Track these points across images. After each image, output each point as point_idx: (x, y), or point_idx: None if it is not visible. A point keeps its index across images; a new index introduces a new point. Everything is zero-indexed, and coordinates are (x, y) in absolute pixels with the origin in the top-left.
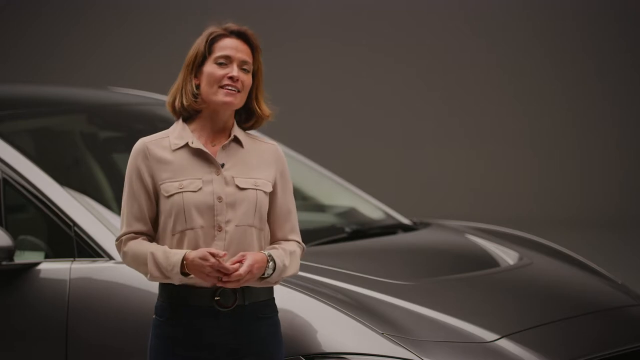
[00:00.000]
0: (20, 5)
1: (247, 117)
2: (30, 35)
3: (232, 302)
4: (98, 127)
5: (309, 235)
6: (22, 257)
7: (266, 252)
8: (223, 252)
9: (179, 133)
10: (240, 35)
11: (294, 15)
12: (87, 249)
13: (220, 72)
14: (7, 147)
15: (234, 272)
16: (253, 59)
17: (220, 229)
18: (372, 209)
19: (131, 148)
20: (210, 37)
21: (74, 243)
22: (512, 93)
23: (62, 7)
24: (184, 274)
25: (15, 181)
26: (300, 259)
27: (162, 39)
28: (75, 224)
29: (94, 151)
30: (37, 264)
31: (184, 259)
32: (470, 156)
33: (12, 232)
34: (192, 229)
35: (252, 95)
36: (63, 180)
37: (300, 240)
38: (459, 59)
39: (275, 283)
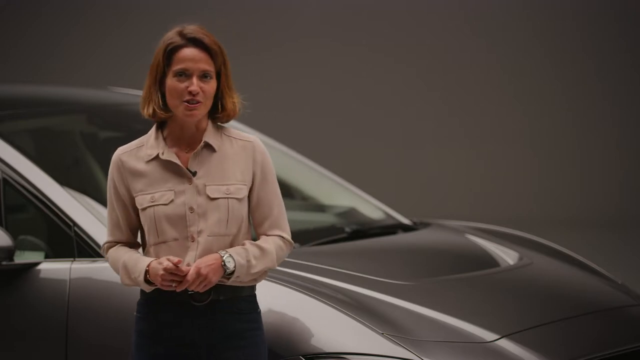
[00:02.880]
0: (20, 5)
1: (215, 111)
2: (30, 35)
3: (206, 297)
4: (98, 127)
5: (309, 235)
6: (22, 257)
7: (222, 252)
8: (177, 259)
9: (152, 142)
10: (198, 43)
11: (294, 15)
12: (87, 249)
13: (180, 86)
14: (7, 147)
15: (185, 273)
16: (214, 63)
17: (193, 239)
18: (372, 209)
19: None
20: (168, 49)
21: (74, 243)
22: (512, 93)
23: (62, 7)
24: (148, 281)
25: (15, 181)
26: (286, 254)
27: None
28: (75, 224)
29: (94, 151)
30: (37, 264)
31: (147, 266)
32: (470, 156)
33: (12, 232)
34: (164, 242)
35: (218, 93)
36: (63, 180)
37: (285, 235)
38: (459, 59)
39: (253, 281)
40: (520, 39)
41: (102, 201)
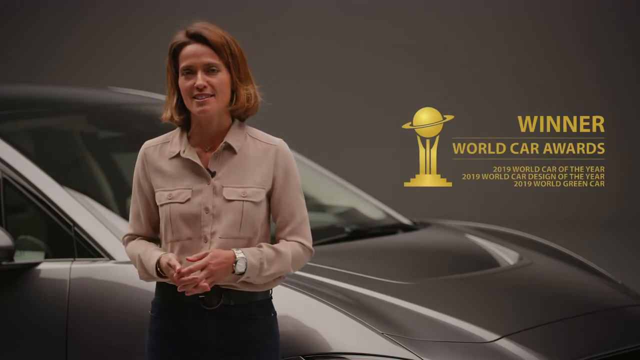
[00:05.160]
0: (20, 5)
1: (234, 107)
2: (30, 35)
3: (216, 301)
4: (98, 127)
5: None
6: (22, 257)
7: (237, 251)
8: (179, 267)
9: (176, 139)
10: (198, 38)
11: (294, 15)
12: (87, 249)
13: (187, 83)
14: (7, 147)
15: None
16: (220, 56)
17: (206, 240)
18: (372, 209)
19: (131, 148)
20: (172, 50)
21: (74, 243)
22: (512, 93)
23: (62, 7)
24: (164, 276)
25: (15, 181)
26: (306, 261)
27: (162, 39)
28: (75, 224)
29: (94, 151)
30: (37, 264)
31: (157, 263)
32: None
33: (12, 232)
34: (178, 240)
35: (232, 86)
36: (63, 180)
37: (304, 242)
38: (459, 59)
39: (267, 285)
40: (520, 39)
41: (102, 201)
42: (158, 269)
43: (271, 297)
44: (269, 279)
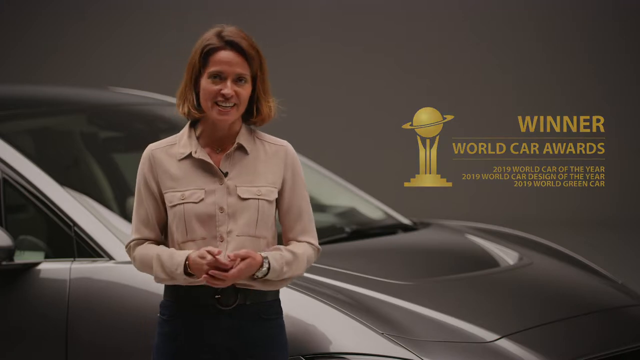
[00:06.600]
0: (20, 5)
1: (250, 115)
2: (30, 35)
3: (233, 301)
4: (98, 127)
5: None
6: (22, 257)
7: (264, 254)
8: (218, 250)
9: (185, 140)
10: (235, 46)
11: (293, 15)
12: (87, 249)
13: (213, 88)
14: (7, 147)
15: (229, 267)
16: (250, 68)
17: (222, 239)
18: (372, 209)
19: (131, 148)
20: (205, 50)
21: (74, 243)
22: (512, 93)
23: (61, 7)
24: (188, 274)
25: (15, 181)
26: (315, 260)
27: (162, 39)
28: (75, 224)
29: (94, 151)
30: (37, 264)
31: (187, 258)
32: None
33: (12, 232)
34: (192, 240)
35: (254, 97)
36: (63, 180)
37: (313, 242)
38: (459, 59)
39: (281, 285)
40: (520, 39)
41: (102, 201)
42: (186, 262)
43: (279, 298)
44: (284, 282)
